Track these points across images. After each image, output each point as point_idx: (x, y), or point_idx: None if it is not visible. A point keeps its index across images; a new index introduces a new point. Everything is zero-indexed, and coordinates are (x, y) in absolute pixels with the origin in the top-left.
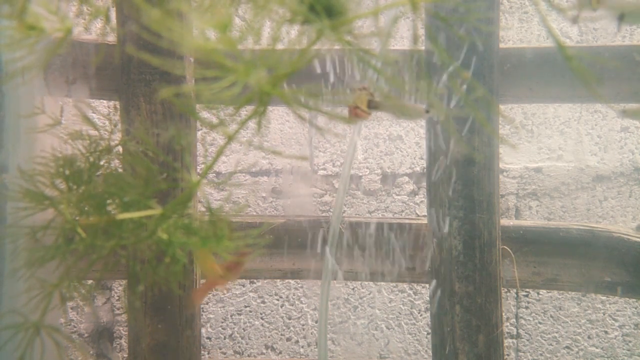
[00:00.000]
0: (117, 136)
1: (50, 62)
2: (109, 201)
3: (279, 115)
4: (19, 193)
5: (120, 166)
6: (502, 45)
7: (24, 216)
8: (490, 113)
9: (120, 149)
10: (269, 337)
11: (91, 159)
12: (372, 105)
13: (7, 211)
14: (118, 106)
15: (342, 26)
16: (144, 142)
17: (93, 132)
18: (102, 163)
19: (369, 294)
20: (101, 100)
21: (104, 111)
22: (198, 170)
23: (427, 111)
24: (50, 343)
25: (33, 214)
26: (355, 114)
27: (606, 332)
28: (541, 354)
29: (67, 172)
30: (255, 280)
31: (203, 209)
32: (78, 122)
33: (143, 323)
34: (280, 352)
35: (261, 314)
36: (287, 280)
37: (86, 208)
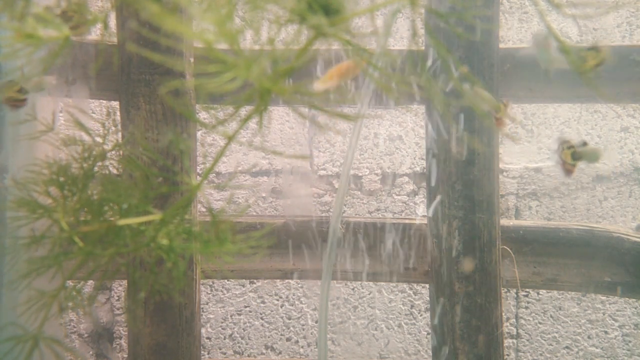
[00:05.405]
0: (113, 140)
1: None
2: (106, 208)
3: (279, 115)
4: (13, 202)
5: (117, 171)
6: (502, 45)
7: (21, 225)
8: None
9: (115, 153)
10: (269, 337)
11: (85, 165)
12: (577, 157)
13: (6, 214)
14: (112, 110)
15: (340, 23)
16: (142, 145)
17: (87, 138)
18: (96, 169)
19: (369, 294)
20: (101, 102)
21: (103, 112)
22: (198, 170)
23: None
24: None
25: (28, 224)
26: (565, 170)
27: (606, 332)
28: (541, 354)
29: (61, 179)
30: (255, 281)
31: (204, 210)
32: (72, 127)
33: (143, 323)
34: (280, 352)
35: (261, 314)
36: (287, 280)
37: (83, 215)
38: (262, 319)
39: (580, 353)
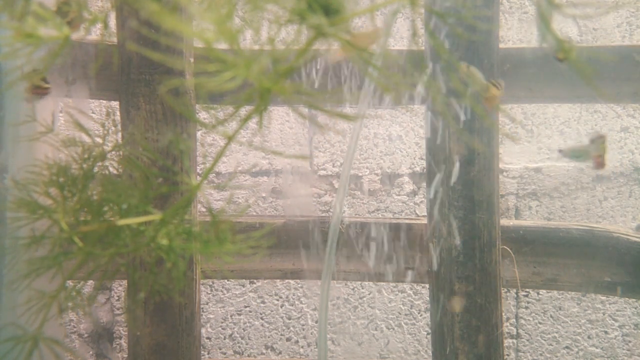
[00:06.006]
0: (113, 140)
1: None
2: (106, 208)
3: (279, 115)
4: (13, 203)
5: (116, 171)
6: (502, 45)
7: (21, 225)
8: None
9: (115, 153)
10: (269, 337)
11: (85, 166)
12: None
13: (6, 214)
14: (111, 110)
15: (340, 23)
16: (142, 145)
17: (86, 138)
18: (96, 169)
19: (369, 294)
20: (100, 102)
21: (103, 112)
22: (198, 170)
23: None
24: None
25: (28, 224)
26: (599, 163)
27: (606, 332)
28: (541, 354)
29: (61, 179)
30: (255, 281)
31: (204, 210)
32: (72, 128)
33: (143, 323)
34: (280, 352)
35: (261, 314)
36: (287, 280)
37: (82, 216)
38: (262, 319)
39: (580, 353)
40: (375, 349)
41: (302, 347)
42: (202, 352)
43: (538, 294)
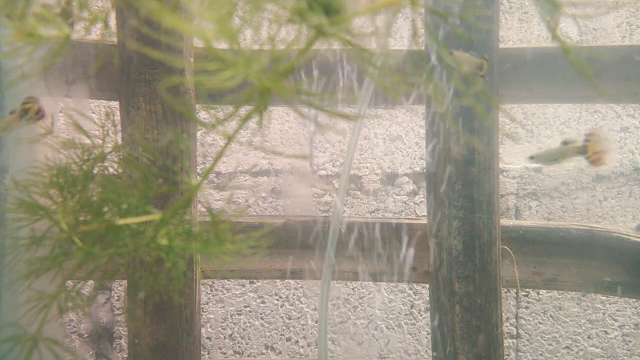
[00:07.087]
0: (113, 140)
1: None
2: (105, 209)
3: (279, 115)
4: (13, 203)
5: (117, 172)
6: (502, 45)
7: (21, 226)
8: (489, 108)
9: (115, 154)
10: (269, 337)
11: (85, 167)
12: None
13: (7, 215)
14: (111, 110)
15: (340, 23)
16: (142, 145)
17: (86, 140)
18: (95, 170)
19: (369, 294)
20: (100, 101)
21: (103, 112)
22: (198, 170)
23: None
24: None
25: (28, 225)
26: (596, 159)
27: (606, 332)
28: (541, 354)
29: (61, 180)
30: (255, 281)
31: (203, 210)
32: (71, 129)
33: (143, 323)
34: (280, 352)
35: (261, 314)
36: (287, 280)
37: (82, 216)
38: (262, 319)
39: (580, 353)
40: (375, 349)
41: (302, 347)
42: (202, 352)
43: (538, 294)
